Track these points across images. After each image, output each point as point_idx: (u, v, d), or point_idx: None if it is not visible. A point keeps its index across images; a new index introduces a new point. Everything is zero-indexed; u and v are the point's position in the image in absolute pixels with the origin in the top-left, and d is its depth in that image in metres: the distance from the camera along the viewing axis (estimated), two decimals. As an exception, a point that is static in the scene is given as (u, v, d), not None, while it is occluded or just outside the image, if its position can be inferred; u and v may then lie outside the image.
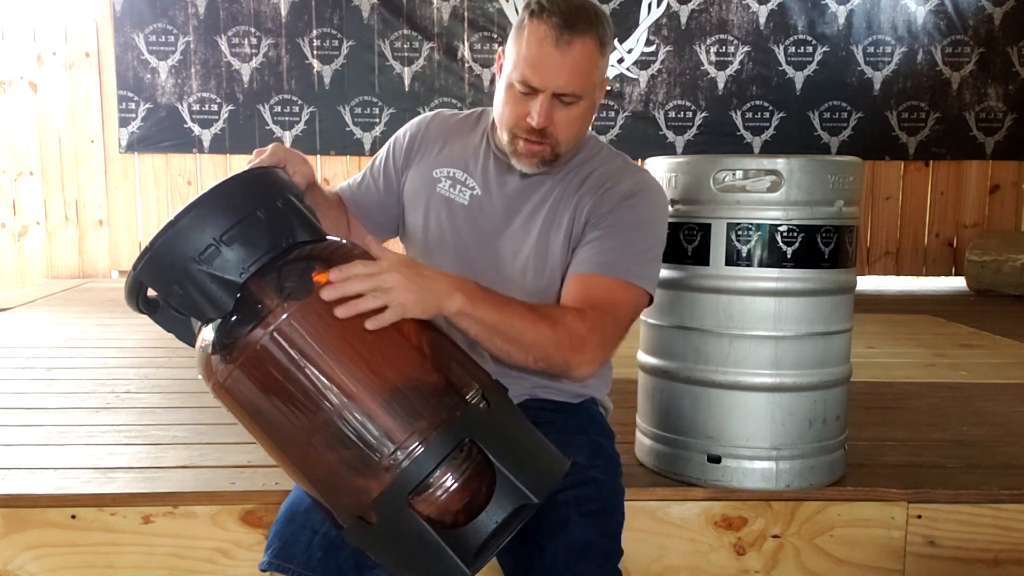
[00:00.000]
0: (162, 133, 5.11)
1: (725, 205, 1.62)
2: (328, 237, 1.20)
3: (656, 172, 1.69)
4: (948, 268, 5.47)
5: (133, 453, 1.93)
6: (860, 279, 1.74)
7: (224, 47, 5.10)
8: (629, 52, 4.34)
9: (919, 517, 1.72)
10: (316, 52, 5.13)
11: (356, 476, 1.06)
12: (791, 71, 5.27)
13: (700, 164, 1.66)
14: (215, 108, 5.12)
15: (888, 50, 5.28)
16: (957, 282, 5.30)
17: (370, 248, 1.18)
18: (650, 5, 4.24)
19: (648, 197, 1.48)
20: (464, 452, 1.09)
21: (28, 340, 3.32)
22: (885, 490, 1.73)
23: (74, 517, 1.65)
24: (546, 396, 1.52)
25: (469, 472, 1.09)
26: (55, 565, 1.65)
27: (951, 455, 1.97)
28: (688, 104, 5.28)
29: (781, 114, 5.29)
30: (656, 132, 5.28)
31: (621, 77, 5.01)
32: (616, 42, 4.48)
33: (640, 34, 4.32)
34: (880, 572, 1.73)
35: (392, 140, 1.62)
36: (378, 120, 5.18)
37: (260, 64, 5.12)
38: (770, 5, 5.22)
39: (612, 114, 5.25)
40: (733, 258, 1.63)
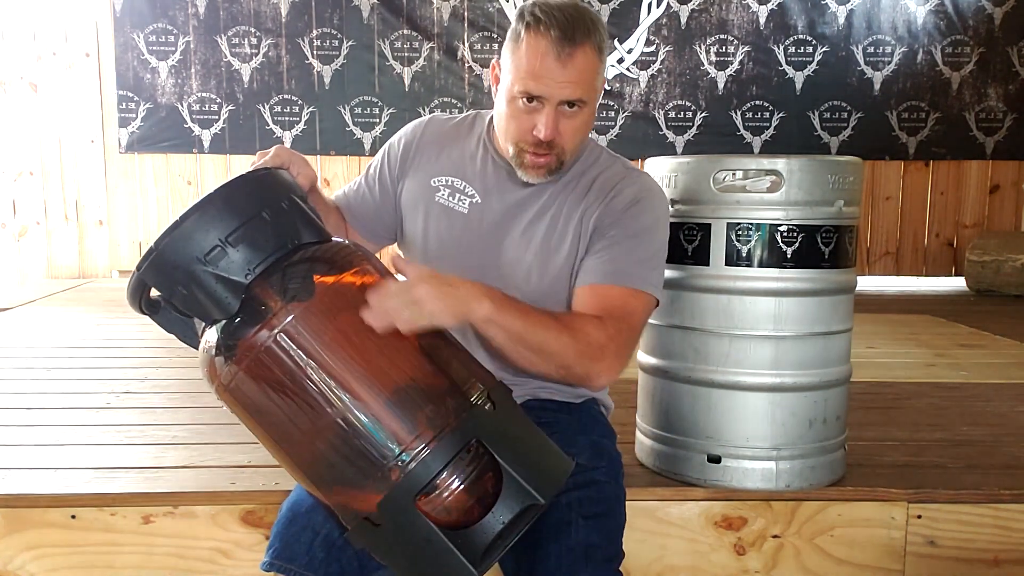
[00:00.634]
0: (162, 133, 5.11)
1: (725, 205, 1.62)
2: (332, 239, 1.20)
3: (656, 172, 1.69)
4: (948, 268, 5.47)
5: (133, 453, 1.93)
6: (860, 279, 1.74)
7: (224, 47, 5.10)
8: (629, 52, 4.34)
9: (919, 517, 1.72)
10: (316, 52, 5.13)
11: (362, 478, 1.06)
12: (791, 71, 5.27)
13: (700, 164, 1.66)
14: (215, 108, 5.12)
15: (888, 50, 5.28)
16: (957, 282, 5.30)
17: (396, 264, 1.20)
18: (650, 5, 4.24)
19: (651, 202, 1.49)
20: (470, 453, 1.09)
21: (28, 340, 3.32)
22: (885, 490, 1.73)
23: (74, 517, 1.64)
24: (548, 396, 1.52)
25: (475, 473, 1.09)
26: (55, 565, 1.65)
27: (951, 455, 1.97)
28: (688, 104, 5.29)
29: (781, 114, 5.29)
30: (656, 132, 5.29)
31: (621, 77, 5.01)
32: (616, 42, 4.47)
33: (640, 34, 4.32)
34: (880, 572, 1.73)
35: (386, 147, 1.61)
36: (378, 120, 5.18)
37: (260, 64, 5.12)
38: (770, 5, 5.23)
39: (612, 114, 5.25)
40: (733, 258, 1.63)
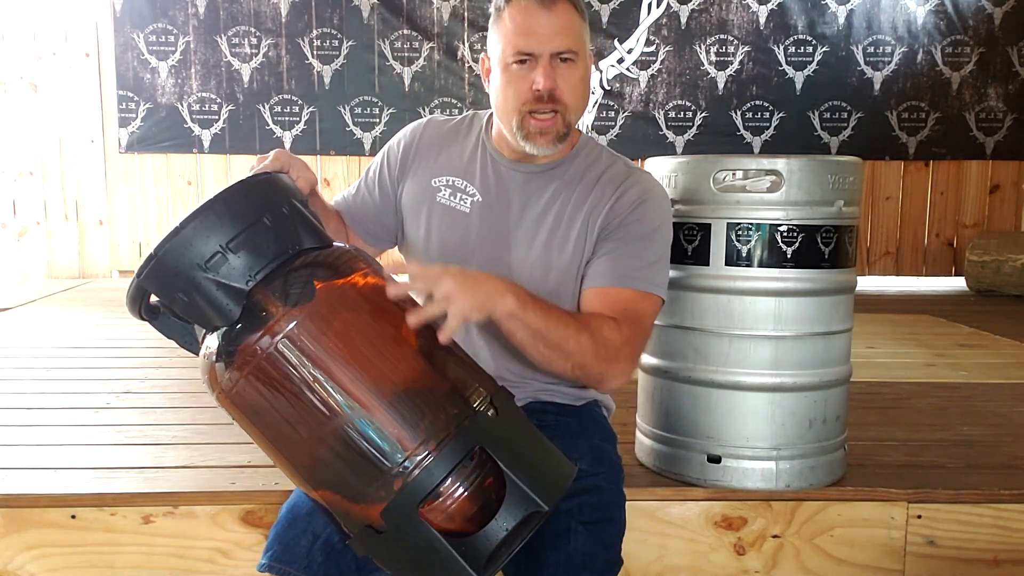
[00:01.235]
0: (162, 133, 5.11)
1: (725, 205, 1.62)
2: (334, 243, 1.19)
3: (656, 172, 1.69)
4: (948, 268, 5.47)
5: (133, 453, 1.93)
6: (860, 279, 1.74)
7: (224, 47, 5.10)
8: (629, 52, 4.32)
9: (919, 517, 1.72)
10: (316, 52, 5.13)
11: (365, 485, 1.05)
12: (791, 71, 5.27)
13: (700, 164, 1.66)
14: (215, 108, 5.12)
15: (888, 50, 5.28)
16: (957, 282, 5.30)
17: (406, 268, 1.22)
18: (650, 5, 4.22)
19: (656, 203, 1.49)
20: (473, 460, 1.08)
21: (28, 340, 3.32)
22: (885, 490, 1.73)
23: (74, 517, 1.65)
24: (549, 399, 1.52)
25: (478, 480, 1.08)
26: (55, 565, 1.65)
27: (951, 455, 1.97)
28: (688, 104, 5.29)
29: (781, 114, 5.29)
30: (656, 132, 5.29)
31: (621, 77, 5.00)
32: (616, 42, 4.47)
33: (640, 34, 4.30)
34: (880, 572, 1.73)
35: (385, 150, 1.60)
36: (378, 120, 5.18)
37: (260, 64, 5.12)
38: (770, 5, 5.23)
39: (612, 114, 5.25)
40: (733, 258, 1.63)
